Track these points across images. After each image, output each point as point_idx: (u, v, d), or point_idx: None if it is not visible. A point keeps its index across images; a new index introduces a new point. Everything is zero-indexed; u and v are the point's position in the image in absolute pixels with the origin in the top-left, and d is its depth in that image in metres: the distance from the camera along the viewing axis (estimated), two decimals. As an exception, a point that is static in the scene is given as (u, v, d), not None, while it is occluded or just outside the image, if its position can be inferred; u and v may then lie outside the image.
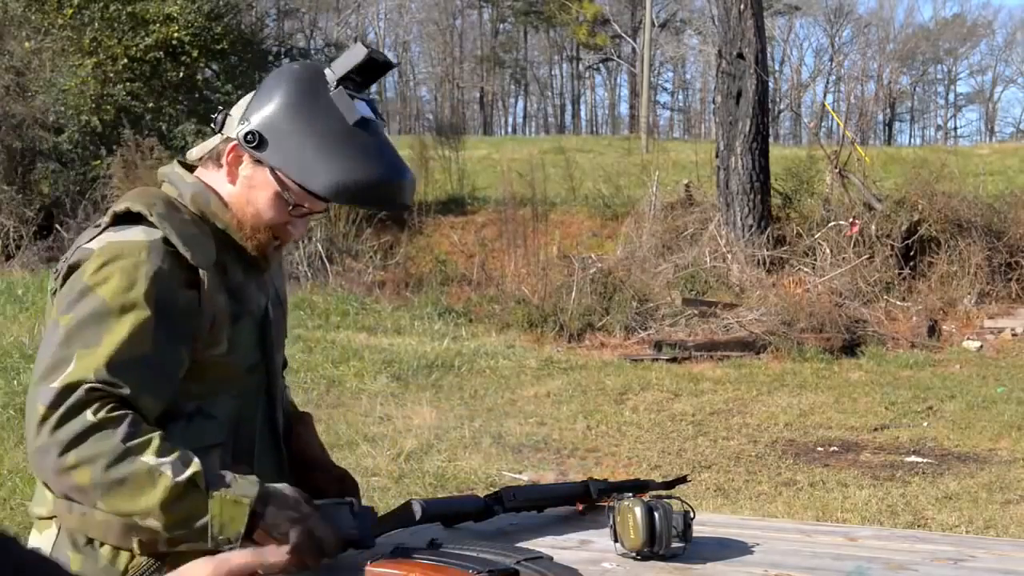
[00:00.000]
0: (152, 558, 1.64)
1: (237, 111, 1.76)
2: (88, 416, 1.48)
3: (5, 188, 15.19)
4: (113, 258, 1.59)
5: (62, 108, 15.43)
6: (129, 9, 15.67)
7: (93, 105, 15.44)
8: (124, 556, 1.65)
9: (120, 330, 1.54)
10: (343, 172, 1.64)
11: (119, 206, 1.68)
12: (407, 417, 7.78)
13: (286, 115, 1.67)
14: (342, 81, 1.67)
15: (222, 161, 1.75)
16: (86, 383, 1.49)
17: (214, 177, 1.76)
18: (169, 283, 1.60)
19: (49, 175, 15.81)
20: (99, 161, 14.78)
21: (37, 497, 1.72)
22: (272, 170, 1.69)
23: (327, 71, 1.68)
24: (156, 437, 1.51)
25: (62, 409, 1.48)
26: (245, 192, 1.73)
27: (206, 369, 1.66)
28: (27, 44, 15.85)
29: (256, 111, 1.71)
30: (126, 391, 1.52)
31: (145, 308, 1.56)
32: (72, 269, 1.62)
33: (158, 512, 1.50)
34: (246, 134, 1.70)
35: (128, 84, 15.70)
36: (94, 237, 1.65)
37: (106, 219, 1.68)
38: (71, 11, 15.60)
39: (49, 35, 15.93)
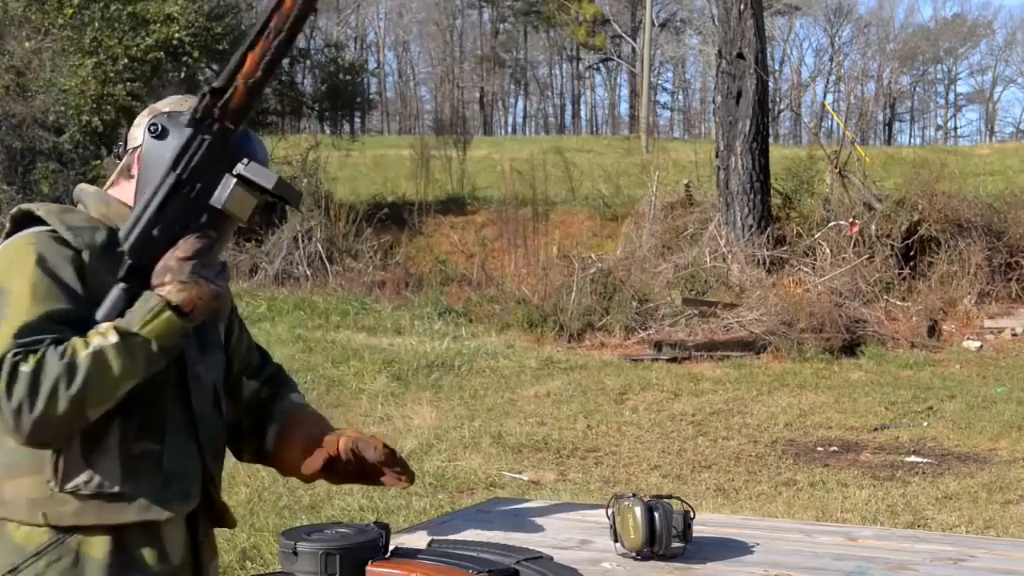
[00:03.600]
0: (56, 532, 1.72)
1: (139, 127, 1.85)
2: (24, 370, 1.62)
3: (5, 188, 15.17)
4: (7, 255, 1.74)
5: (62, 108, 15.42)
6: (129, 9, 15.66)
7: (93, 105, 15.43)
8: (24, 532, 1.73)
9: (18, 298, 1.67)
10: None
11: (13, 210, 1.82)
12: (407, 417, 7.78)
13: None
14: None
15: (132, 171, 1.83)
16: (7, 355, 1.63)
17: (126, 188, 1.85)
18: (55, 259, 1.72)
19: (49, 175, 15.79)
20: (99, 161, 14.77)
21: None
22: None
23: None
24: (73, 337, 1.66)
25: (2, 382, 1.61)
26: None
27: None
28: (27, 44, 15.84)
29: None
30: (42, 341, 1.65)
31: (35, 274, 1.69)
32: None
33: (126, 375, 1.66)
34: (150, 126, 1.80)
35: (128, 84, 15.69)
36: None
37: (8, 225, 1.81)
38: (71, 11, 15.58)
39: (49, 35, 15.92)
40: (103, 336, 1.65)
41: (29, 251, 1.71)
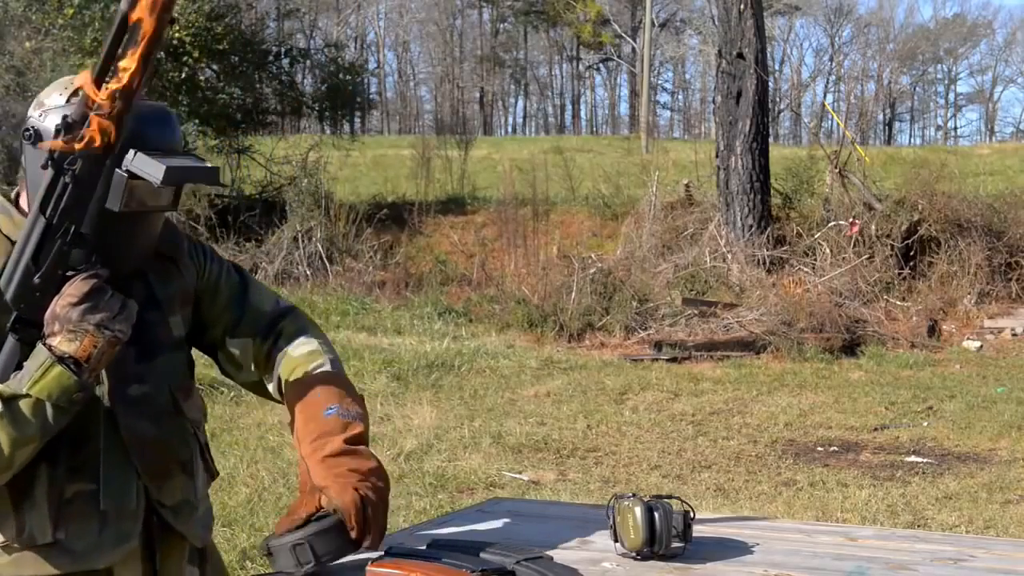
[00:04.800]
0: None
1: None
2: None
3: (5, 188, 15.18)
4: None
5: (62, 108, 15.41)
6: (130, 9, 15.66)
7: (94, 105, 15.42)
8: None
9: None
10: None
11: None
12: (407, 417, 7.78)
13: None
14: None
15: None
16: None
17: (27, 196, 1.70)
18: None
19: (49, 175, 15.79)
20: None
21: None
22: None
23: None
24: None
25: None
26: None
27: None
28: (27, 44, 15.85)
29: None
30: None
31: None
32: None
33: (19, 444, 1.52)
34: (24, 130, 1.64)
35: (128, 84, 15.67)
36: None
37: None
38: (72, 11, 15.58)
39: (50, 35, 15.92)
40: None
41: None
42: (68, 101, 1.62)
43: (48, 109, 1.63)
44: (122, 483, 1.69)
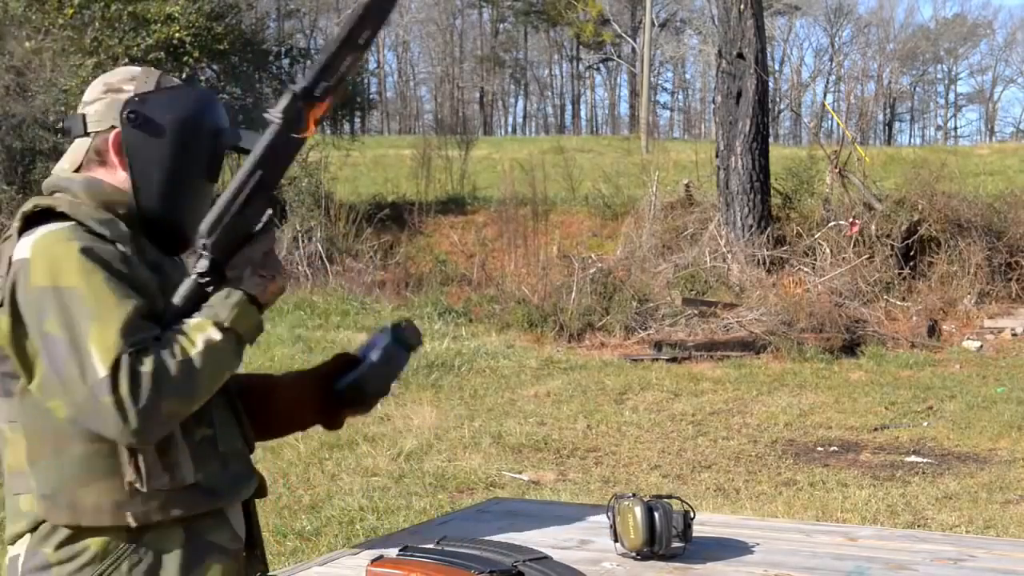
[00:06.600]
0: (133, 534, 1.70)
1: (101, 107, 1.81)
2: (143, 370, 1.59)
3: (5, 188, 15.17)
4: (46, 252, 1.66)
5: (62, 108, 15.40)
6: (130, 9, 15.66)
7: (94, 105, 15.40)
8: (101, 541, 1.69)
9: (96, 296, 1.62)
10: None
11: (27, 206, 1.76)
12: (407, 417, 7.78)
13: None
14: None
15: (108, 158, 1.79)
16: (123, 357, 1.58)
17: (104, 173, 1.80)
18: (105, 255, 1.68)
19: (49, 175, 15.77)
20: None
21: (11, 515, 1.73)
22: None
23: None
24: (173, 334, 1.64)
25: (125, 384, 1.57)
26: None
27: None
28: (27, 44, 15.84)
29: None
30: (147, 339, 1.63)
31: (98, 271, 1.65)
32: (15, 285, 1.67)
33: (230, 368, 1.70)
34: (129, 113, 1.78)
35: (129, 84, 15.67)
36: (15, 246, 1.71)
37: (17, 223, 1.74)
38: (72, 11, 15.58)
39: (50, 35, 15.91)
40: (203, 332, 1.65)
41: (74, 247, 1.65)
42: (158, 87, 1.81)
43: (145, 96, 1.79)
44: (230, 426, 1.82)
